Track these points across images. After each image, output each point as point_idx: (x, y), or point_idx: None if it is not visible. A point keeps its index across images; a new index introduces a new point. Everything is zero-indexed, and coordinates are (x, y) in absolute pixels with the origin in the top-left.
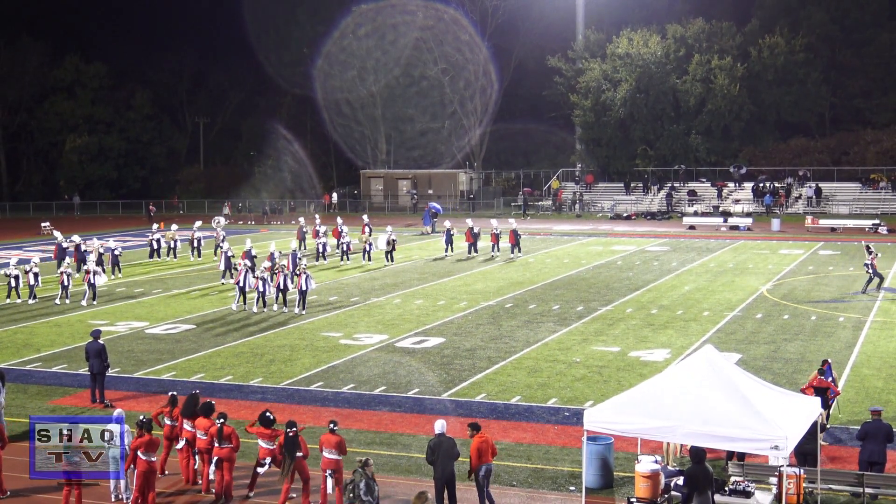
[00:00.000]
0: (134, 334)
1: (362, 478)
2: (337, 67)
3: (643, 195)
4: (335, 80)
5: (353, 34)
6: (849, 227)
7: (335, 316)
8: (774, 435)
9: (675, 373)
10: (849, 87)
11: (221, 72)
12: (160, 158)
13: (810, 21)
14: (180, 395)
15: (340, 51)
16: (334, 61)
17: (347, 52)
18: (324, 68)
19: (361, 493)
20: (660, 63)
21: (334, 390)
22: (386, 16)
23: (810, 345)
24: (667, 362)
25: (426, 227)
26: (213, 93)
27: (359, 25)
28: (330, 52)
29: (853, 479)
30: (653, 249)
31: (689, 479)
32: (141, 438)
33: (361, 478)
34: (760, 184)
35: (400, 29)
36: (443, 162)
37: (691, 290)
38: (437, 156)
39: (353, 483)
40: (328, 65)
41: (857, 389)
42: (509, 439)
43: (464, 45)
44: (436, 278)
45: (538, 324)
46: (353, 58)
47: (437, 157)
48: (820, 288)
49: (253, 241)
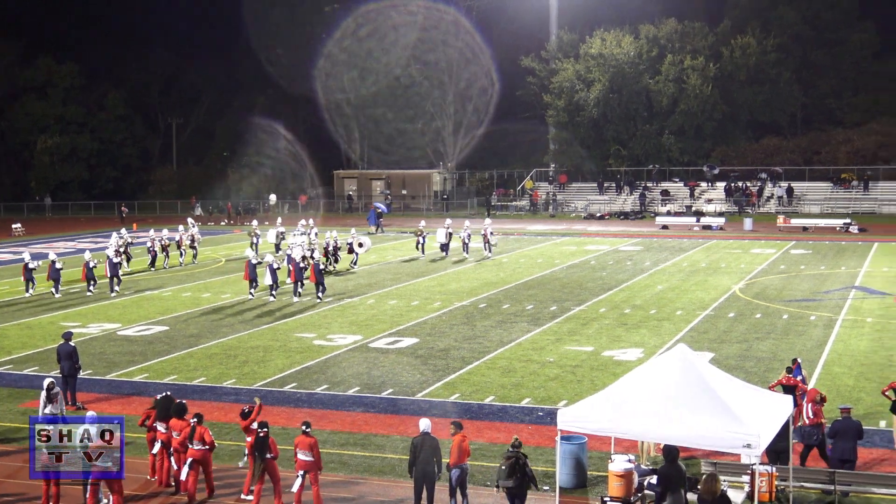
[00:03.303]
0: (106, 336)
1: (521, 456)
2: (324, 69)
3: (616, 195)
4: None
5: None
6: (820, 226)
7: (309, 317)
8: (747, 433)
9: (649, 372)
10: (820, 87)
11: (194, 72)
12: (132, 159)
13: (782, 21)
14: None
15: (328, 53)
16: (312, 63)
17: (331, 56)
18: (312, 68)
19: (529, 470)
20: (633, 63)
21: (308, 391)
22: (367, 16)
23: (782, 343)
24: (640, 361)
25: (371, 226)
26: (186, 93)
27: (333, 27)
28: (313, 53)
29: (825, 477)
30: (626, 249)
31: (663, 478)
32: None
33: (521, 456)
34: (732, 183)
35: (380, 30)
36: (419, 164)
37: (664, 289)
38: (413, 156)
39: (514, 459)
40: (308, 65)
41: (828, 388)
42: (483, 439)
43: (442, 45)
44: (409, 278)
45: (512, 324)
46: (330, 61)
47: (412, 157)
48: (791, 287)
49: (227, 241)
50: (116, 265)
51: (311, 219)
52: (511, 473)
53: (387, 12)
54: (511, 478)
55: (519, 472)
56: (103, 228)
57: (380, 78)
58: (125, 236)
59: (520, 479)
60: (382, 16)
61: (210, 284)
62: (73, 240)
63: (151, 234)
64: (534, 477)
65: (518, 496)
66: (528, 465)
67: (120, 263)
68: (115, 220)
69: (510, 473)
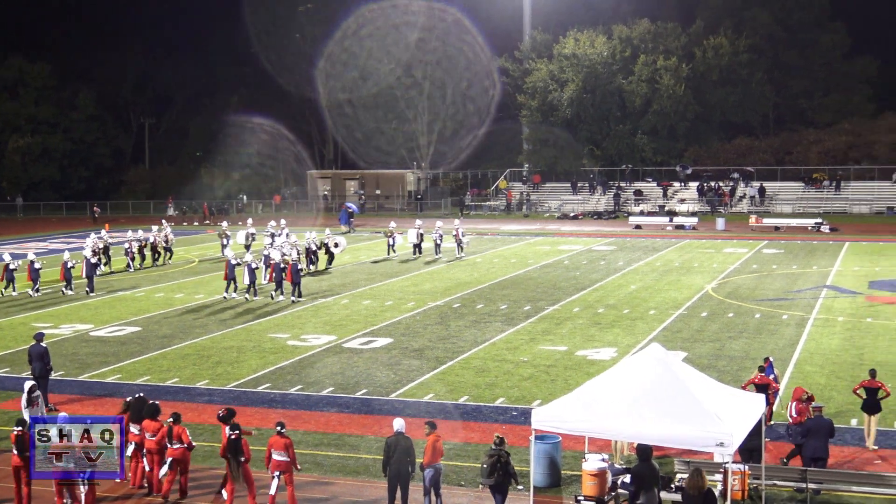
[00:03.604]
0: (78, 337)
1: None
2: (287, 67)
3: (590, 195)
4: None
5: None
6: (792, 225)
7: (283, 317)
8: (720, 432)
9: (622, 371)
10: (792, 88)
11: (167, 72)
12: (105, 159)
13: (754, 22)
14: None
15: (304, 53)
16: (286, 63)
17: (296, 54)
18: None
19: (511, 468)
20: (606, 63)
21: (282, 392)
22: (340, 15)
23: (754, 342)
24: (613, 361)
25: (342, 226)
26: (159, 93)
27: (308, 26)
28: (285, 54)
29: (797, 475)
30: (599, 249)
31: (636, 477)
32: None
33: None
34: (705, 183)
35: (355, 30)
36: (392, 163)
37: (637, 289)
38: (387, 157)
39: (496, 457)
40: (281, 65)
41: (800, 386)
42: (457, 439)
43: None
44: (383, 279)
45: (486, 323)
46: (302, 59)
47: (386, 157)
48: (764, 286)
49: (201, 241)
50: (94, 266)
51: (282, 219)
52: (492, 471)
53: (362, 13)
54: (492, 476)
55: (500, 469)
56: (75, 229)
57: (355, 79)
58: (104, 237)
59: (501, 476)
60: (353, 15)
61: (183, 285)
62: (44, 240)
63: (129, 235)
64: (515, 474)
65: (501, 493)
66: (511, 462)
67: (97, 264)
68: (87, 221)
69: (491, 471)
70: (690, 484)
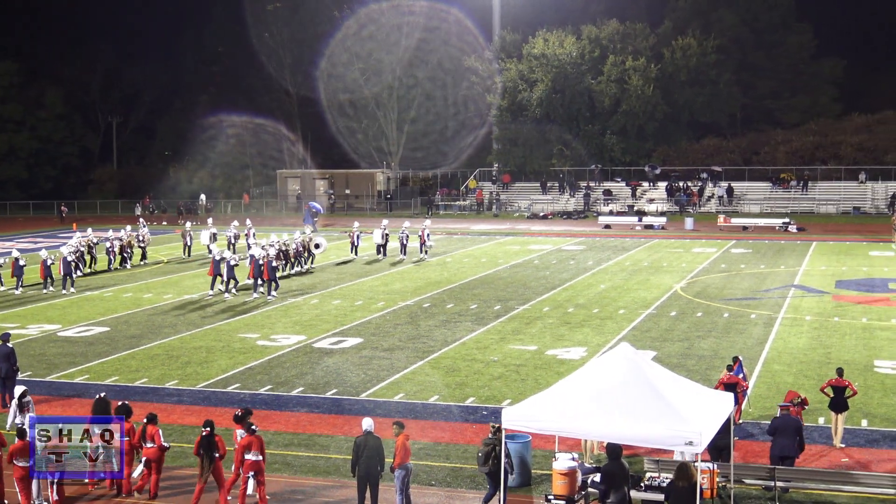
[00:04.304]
0: (46, 337)
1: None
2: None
3: (559, 195)
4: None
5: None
6: (760, 225)
7: (252, 317)
8: (689, 430)
9: (592, 370)
10: (759, 88)
11: (135, 70)
12: (72, 158)
13: (721, 23)
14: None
15: (270, 52)
16: (255, 63)
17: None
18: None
19: (504, 455)
20: (575, 64)
21: (251, 392)
22: (317, 13)
23: (723, 341)
24: (583, 360)
25: (307, 226)
26: (127, 92)
27: (275, 25)
28: (250, 53)
29: (765, 473)
30: (569, 248)
31: (606, 476)
32: (14, 446)
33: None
34: (674, 183)
35: (323, 27)
36: (363, 163)
37: (607, 288)
38: (356, 156)
39: (492, 447)
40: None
41: (769, 385)
42: (427, 439)
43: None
44: (353, 278)
45: (456, 323)
46: (269, 57)
47: (355, 156)
48: (732, 285)
49: (168, 241)
50: (70, 264)
51: (247, 219)
52: (486, 460)
53: (347, 10)
54: (486, 464)
55: (495, 458)
56: (42, 228)
57: (328, 77)
58: (90, 236)
59: (496, 464)
60: (323, 14)
61: (151, 285)
62: (10, 240)
63: (111, 234)
64: (511, 463)
65: (496, 480)
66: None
67: (75, 263)
68: (54, 221)
69: (486, 460)
70: (680, 476)
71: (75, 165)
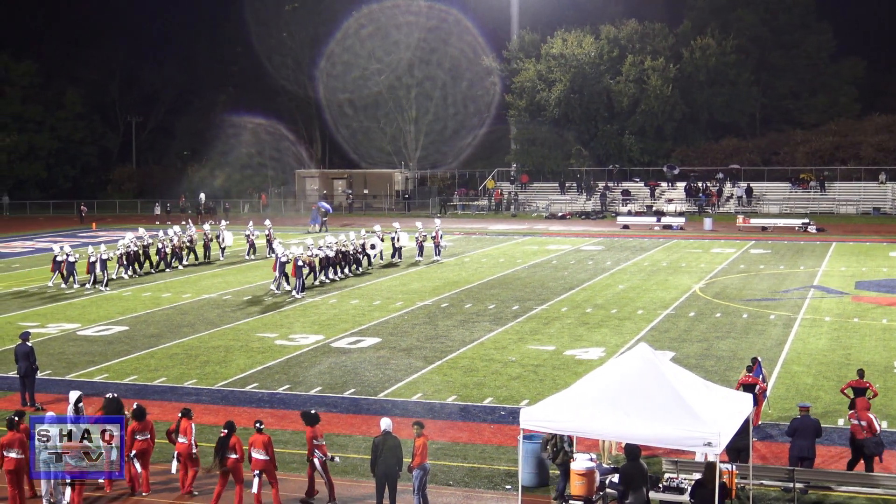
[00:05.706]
0: (65, 336)
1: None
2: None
3: (578, 195)
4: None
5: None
6: (779, 226)
7: (270, 316)
8: (708, 431)
9: (610, 371)
10: (778, 88)
11: (154, 70)
12: (91, 158)
13: (740, 23)
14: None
15: (290, 51)
16: (275, 62)
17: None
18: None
19: (566, 444)
20: (594, 64)
21: (270, 391)
22: (333, 14)
23: (742, 342)
24: (601, 361)
25: (314, 225)
26: (146, 91)
27: (294, 25)
28: (271, 52)
29: (784, 475)
30: (587, 249)
31: (625, 477)
32: (4, 437)
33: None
34: (692, 183)
35: (341, 27)
36: (379, 163)
37: (625, 288)
38: (375, 156)
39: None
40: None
41: (788, 386)
42: (445, 439)
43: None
44: (371, 278)
45: (474, 323)
46: (291, 59)
47: (374, 156)
48: (751, 286)
49: None
50: (105, 262)
51: (267, 219)
52: (556, 455)
53: (359, 14)
54: (556, 458)
55: (561, 452)
56: (62, 228)
57: (351, 79)
58: (144, 237)
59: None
60: (345, 14)
61: (171, 284)
62: (30, 239)
63: (161, 235)
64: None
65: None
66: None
67: (126, 263)
68: (74, 220)
69: (555, 457)
70: (709, 477)
71: (94, 165)
